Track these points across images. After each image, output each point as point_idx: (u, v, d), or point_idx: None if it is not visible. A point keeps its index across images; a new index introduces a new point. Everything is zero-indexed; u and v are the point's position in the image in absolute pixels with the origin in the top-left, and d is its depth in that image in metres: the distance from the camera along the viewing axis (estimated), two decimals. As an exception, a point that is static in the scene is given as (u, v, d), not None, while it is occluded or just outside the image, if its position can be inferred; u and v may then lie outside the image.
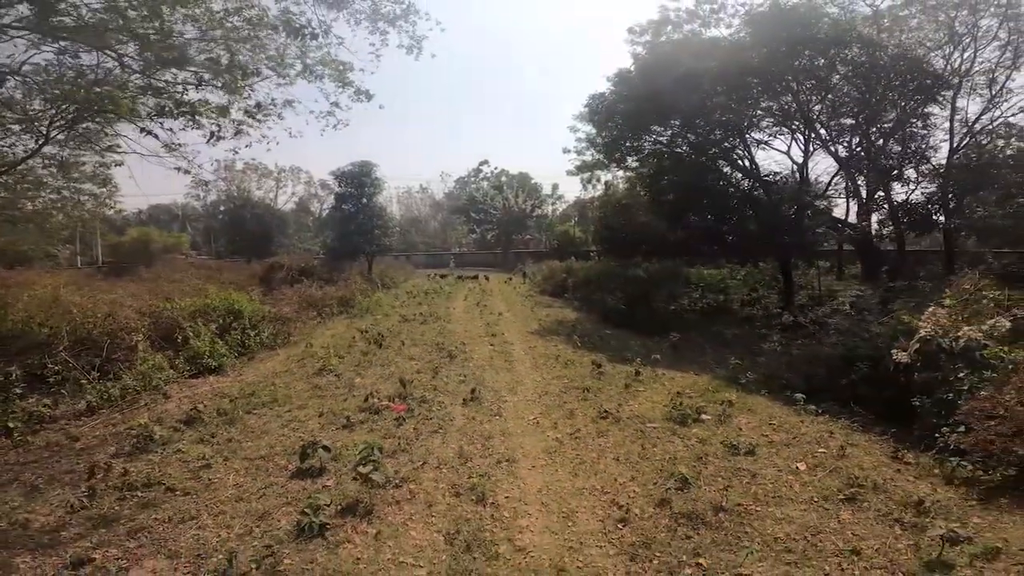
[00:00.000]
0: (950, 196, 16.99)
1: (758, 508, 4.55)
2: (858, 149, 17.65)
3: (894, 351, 6.86)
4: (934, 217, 17.88)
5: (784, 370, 9.15)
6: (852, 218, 18.83)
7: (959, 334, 6.02)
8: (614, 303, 16.74)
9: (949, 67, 16.37)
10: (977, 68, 16.28)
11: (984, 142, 16.96)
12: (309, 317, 16.69)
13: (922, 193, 17.90)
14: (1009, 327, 6.05)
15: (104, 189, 15.44)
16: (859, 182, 18.59)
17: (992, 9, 15.26)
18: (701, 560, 3.85)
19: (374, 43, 9.22)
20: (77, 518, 4.66)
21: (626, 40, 18.31)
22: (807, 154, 17.92)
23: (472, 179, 58.78)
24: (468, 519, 4.39)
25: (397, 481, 5.04)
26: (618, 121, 18.19)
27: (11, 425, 7.55)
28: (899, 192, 18.35)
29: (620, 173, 26.55)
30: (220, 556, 3.92)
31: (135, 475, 5.28)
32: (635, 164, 21.18)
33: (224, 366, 10.73)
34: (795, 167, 18.05)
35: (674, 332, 12.35)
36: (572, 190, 63.36)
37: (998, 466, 4.88)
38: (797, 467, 5.38)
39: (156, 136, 6.97)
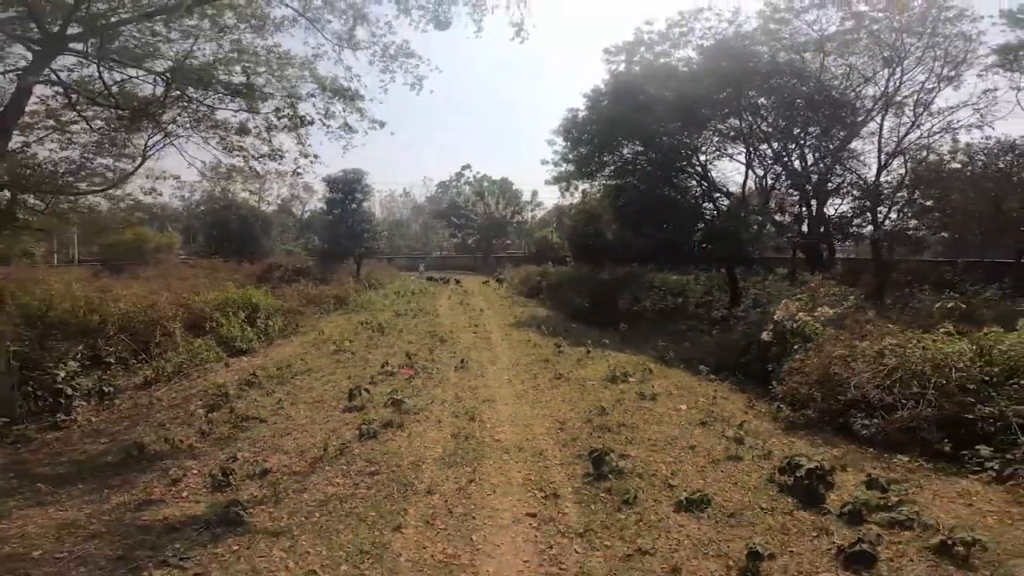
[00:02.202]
0: (878, 209, 18.82)
1: (645, 426, 7.24)
2: (797, 166, 19.67)
3: (763, 333, 9.66)
4: (862, 229, 20.47)
5: (702, 352, 11.92)
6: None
7: (797, 318, 8.82)
8: (580, 303, 19.38)
9: (888, 89, 17.83)
10: (906, 92, 17.78)
11: (916, 158, 18.51)
12: (311, 312, 18.96)
13: (850, 207, 19.84)
14: (832, 314, 8.88)
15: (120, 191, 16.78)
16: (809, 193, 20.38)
17: (925, 38, 16.75)
18: (603, 446, 6.47)
19: (383, 80, 11.43)
20: (208, 440, 7.04)
21: (602, 59, 20.10)
22: (748, 171, 20.40)
23: (454, 183, 60.78)
24: (464, 428, 7.04)
25: (416, 411, 7.63)
26: (588, 139, 20.13)
27: (105, 390, 9.73)
28: (833, 205, 20.26)
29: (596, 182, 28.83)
30: (315, 450, 6.42)
31: (237, 412, 7.70)
32: (605, 179, 23.35)
33: (253, 349, 13.02)
34: (754, 179, 20.37)
35: (623, 324, 15.08)
36: (551, 196, 65.86)
37: (802, 409, 7.61)
38: (680, 407, 8.11)
39: (257, 172, 9.43)
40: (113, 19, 8.76)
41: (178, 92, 9.18)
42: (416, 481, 5.53)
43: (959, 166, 17.77)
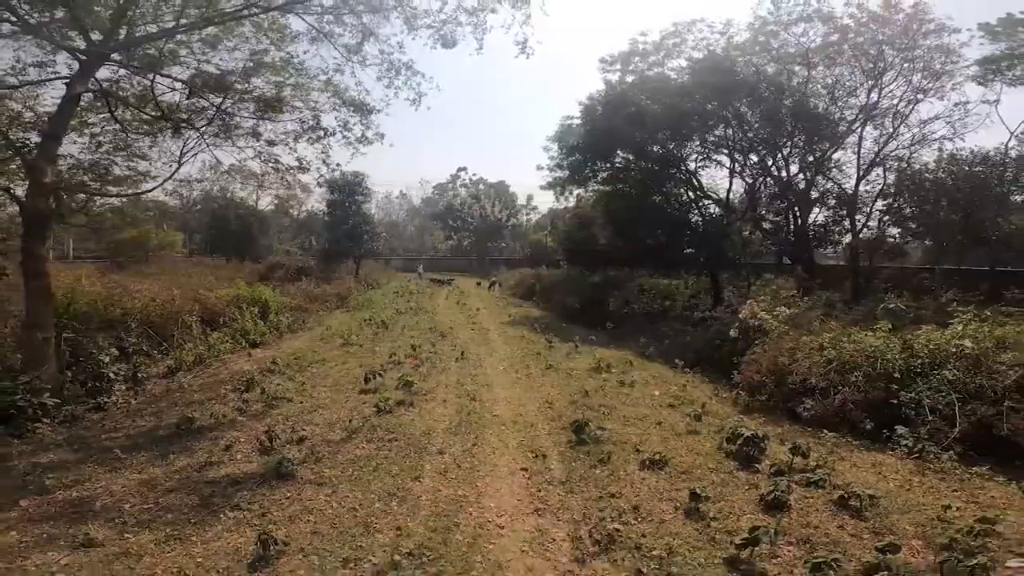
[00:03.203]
0: (856, 218, 19.87)
1: (621, 407, 8.47)
2: (781, 175, 20.74)
3: (731, 330, 10.91)
4: (841, 237, 21.58)
5: (682, 349, 13.10)
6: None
7: (758, 316, 10.08)
8: (572, 304, 20.48)
9: (868, 101, 18.53)
10: (887, 104, 18.33)
11: (895, 168, 19.27)
12: (314, 309, 19.98)
13: (825, 216, 21.05)
14: (788, 313, 10.15)
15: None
16: (792, 202, 20.92)
17: (905, 51, 17.46)
18: (585, 421, 7.67)
19: (387, 95, 12.43)
20: (246, 415, 8.12)
21: (598, 69, 20.85)
22: (733, 179, 21.33)
23: (450, 185, 61.71)
24: (466, 406, 8.25)
25: (423, 392, 8.83)
26: (582, 147, 21.05)
27: (140, 376, 10.72)
28: (814, 214, 21.11)
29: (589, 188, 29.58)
30: (342, 421, 7.57)
31: (267, 393, 8.82)
32: (598, 185, 24.01)
33: (266, 342, 14.06)
34: (743, 187, 21.44)
35: (610, 323, 16.27)
36: (547, 200, 66.68)
37: (757, 394, 8.84)
38: (654, 392, 9.34)
39: (288, 182, 10.56)
40: (139, 33, 9.84)
41: (219, 101, 10.29)
42: (429, 445, 6.71)
43: (942, 175, 18.35)
